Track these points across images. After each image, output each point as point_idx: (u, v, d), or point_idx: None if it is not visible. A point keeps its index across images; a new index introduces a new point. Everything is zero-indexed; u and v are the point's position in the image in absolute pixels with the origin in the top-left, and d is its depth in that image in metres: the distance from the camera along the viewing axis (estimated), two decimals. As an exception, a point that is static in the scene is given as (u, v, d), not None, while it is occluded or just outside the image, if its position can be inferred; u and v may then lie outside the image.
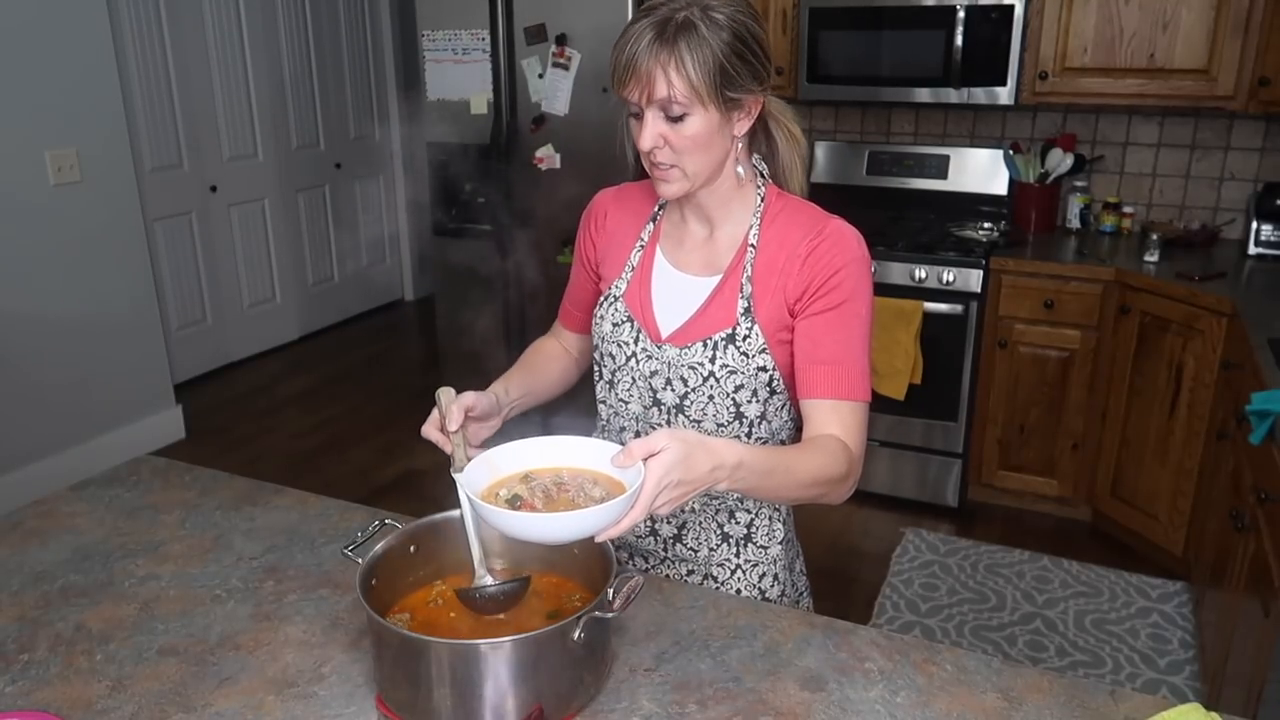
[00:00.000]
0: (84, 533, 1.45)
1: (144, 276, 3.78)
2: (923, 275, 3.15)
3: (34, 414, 3.41)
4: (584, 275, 1.44)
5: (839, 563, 3.11)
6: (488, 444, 1.22)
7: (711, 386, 1.26)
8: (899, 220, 3.53)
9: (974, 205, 3.58)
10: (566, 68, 3.39)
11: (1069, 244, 3.31)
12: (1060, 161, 3.37)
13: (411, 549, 1.14)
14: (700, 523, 1.35)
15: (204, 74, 4.47)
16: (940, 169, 3.62)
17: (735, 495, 1.32)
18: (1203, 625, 2.55)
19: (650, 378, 1.30)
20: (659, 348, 1.29)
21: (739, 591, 1.35)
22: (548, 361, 1.47)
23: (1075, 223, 3.46)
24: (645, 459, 0.97)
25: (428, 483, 3.63)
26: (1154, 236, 3.05)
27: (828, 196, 4.35)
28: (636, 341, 1.31)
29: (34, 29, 3.28)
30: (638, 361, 1.31)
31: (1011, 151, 3.48)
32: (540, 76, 3.44)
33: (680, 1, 1.13)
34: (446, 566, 1.16)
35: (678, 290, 1.30)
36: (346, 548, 1.13)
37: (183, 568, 1.35)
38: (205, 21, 4.44)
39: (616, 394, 1.35)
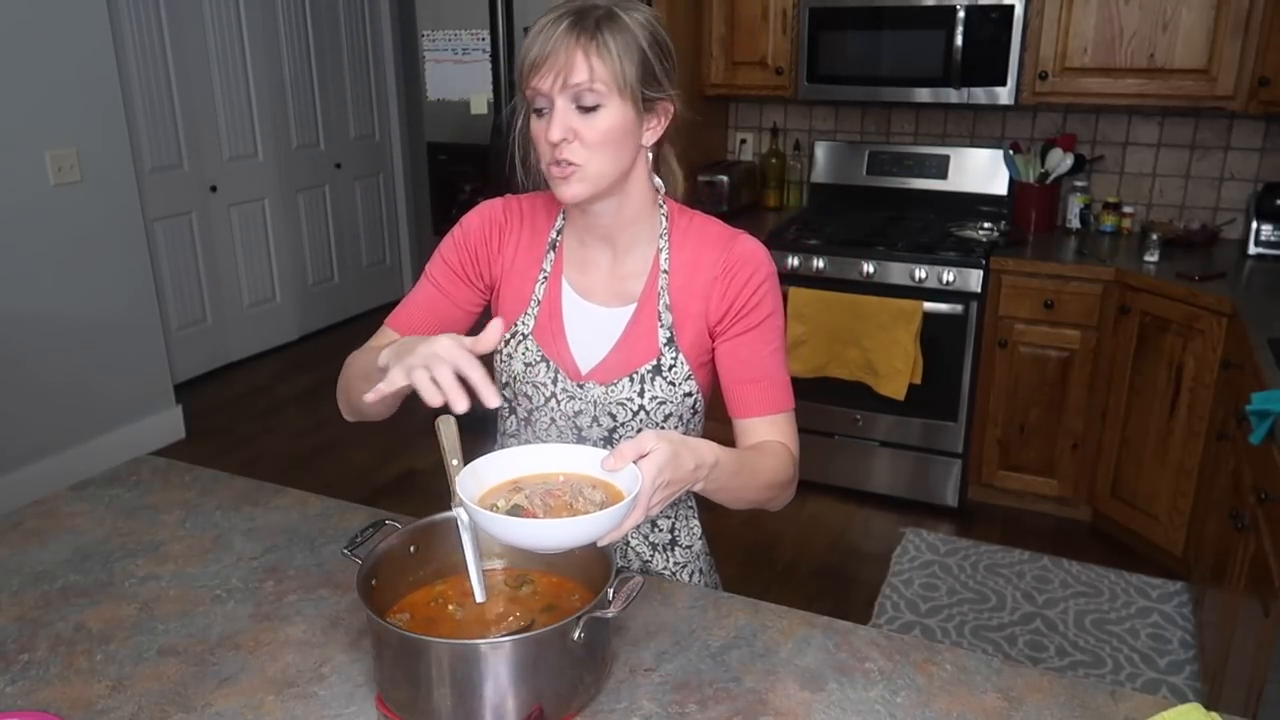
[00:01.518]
0: (84, 533, 1.45)
1: (144, 276, 3.78)
2: (923, 275, 3.15)
3: (34, 414, 3.41)
4: (460, 283, 1.29)
5: (839, 563, 3.11)
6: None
7: (642, 420, 1.25)
8: (899, 220, 3.53)
9: (974, 205, 3.58)
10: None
11: (1069, 244, 3.31)
12: (1060, 161, 3.37)
13: (411, 549, 1.14)
14: (629, 539, 1.35)
15: (204, 74, 4.47)
16: (940, 169, 3.62)
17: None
18: (1203, 625, 2.55)
19: (574, 416, 1.26)
20: (581, 387, 1.25)
21: None
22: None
23: (1075, 223, 3.46)
24: (636, 460, 0.97)
25: (428, 483, 3.63)
26: (1154, 236, 3.05)
27: (828, 196, 4.37)
28: (555, 382, 1.26)
29: (34, 29, 3.27)
30: (559, 402, 1.26)
31: (1011, 151, 3.48)
32: (540, 76, 3.44)
33: (595, 0, 1.12)
34: (446, 566, 1.16)
35: (591, 323, 1.26)
36: (346, 548, 1.13)
37: (183, 568, 1.35)
38: (205, 21, 4.44)
39: (534, 431, 1.30)
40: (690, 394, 1.26)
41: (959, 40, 3.18)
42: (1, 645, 1.18)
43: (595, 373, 1.25)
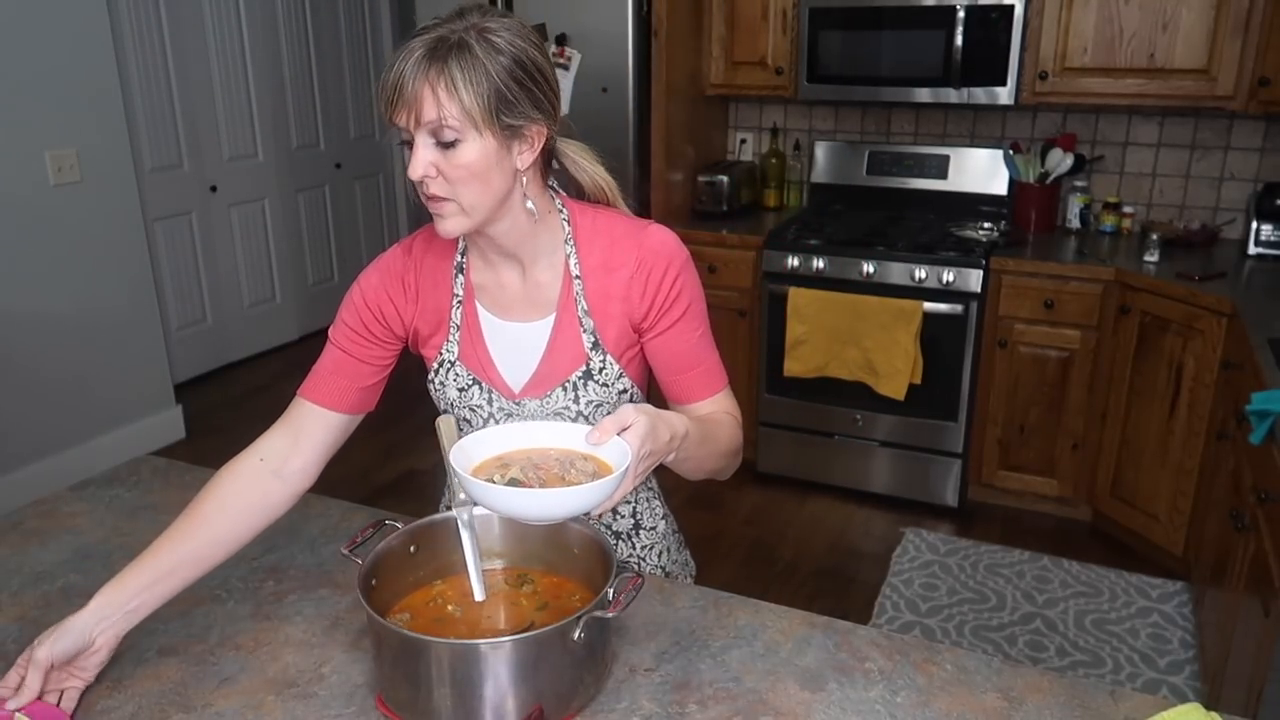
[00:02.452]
0: (84, 533, 1.45)
1: (144, 276, 3.78)
2: (923, 275, 3.14)
3: (34, 414, 3.41)
4: (370, 345, 1.26)
5: (839, 563, 3.11)
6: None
7: (583, 425, 1.25)
8: (899, 220, 3.53)
9: (974, 205, 3.58)
10: (566, 68, 3.39)
11: (1069, 244, 3.31)
12: (1060, 161, 3.37)
13: (411, 549, 1.14)
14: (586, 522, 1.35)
15: (204, 74, 4.47)
16: (940, 169, 3.62)
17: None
18: (1203, 625, 2.55)
19: None
20: (517, 404, 1.25)
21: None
22: (220, 515, 1.17)
23: (1075, 223, 3.46)
24: (618, 433, 1.00)
25: (428, 483, 3.63)
26: (1154, 236, 3.05)
27: (828, 196, 4.36)
28: (490, 402, 1.26)
29: (34, 29, 3.27)
30: (497, 421, 1.26)
31: (1011, 151, 3.48)
32: (540, 76, 3.44)
33: (457, 23, 1.06)
34: (446, 566, 1.16)
35: (513, 340, 1.25)
36: (346, 548, 1.13)
37: (183, 568, 1.35)
38: (205, 21, 4.44)
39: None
40: (625, 390, 1.26)
41: (959, 40, 3.18)
42: (1, 645, 1.18)
43: (528, 388, 1.25)
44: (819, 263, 3.26)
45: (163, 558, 1.12)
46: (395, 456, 3.83)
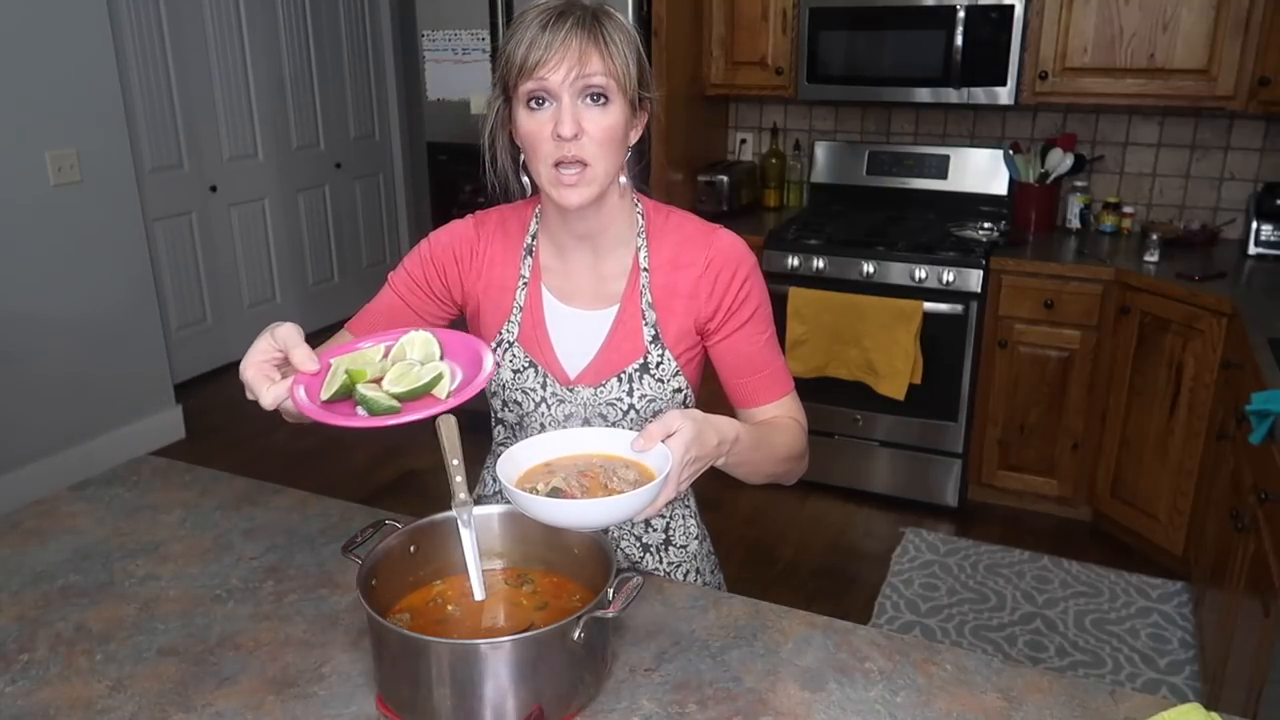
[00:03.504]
0: (84, 533, 1.45)
1: (144, 276, 3.78)
2: (923, 275, 3.15)
3: (34, 414, 3.41)
4: (424, 298, 1.29)
5: (839, 563, 3.11)
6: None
7: (632, 419, 1.25)
8: (899, 220, 3.53)
9: (974, 205, 3.58)
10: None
11: (1069, 244, 3.31)
12: (1060, 161, 3.37)
13: (411, 549, 1.14)
14: (620, 539, 1.35)
15: (204, 74, 4.47)
16: (940, 169, 3.62)
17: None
18: (1203, 625, 2.55)
19: (564, 420, 1.27)
20: (570, 390, 1.25)
21: None
22: None
23: (1075, 223, 3.46)
24: (663, 439, 1.01)
25: (428, 483, 3.63)
26: (1154, 236, 3.05)
27: (828, 196, 4.36)
28: (544, 387, 1.26)
29: (34, 29, 3.28)
30: (549, 406, 1.27)
31: (1011, 151, 3.48)
32: (540, 76, 3.44)
33: (580, 4, 1.11)
34: (446, 566, 1.16)
35: (574, 327, 1.26)
36: (346, 548, 1.13)
37: (183, 568, 1.35)
38: (205, 21, 4.44)
39: (526, 436, 1.30)
40: (679, 389, 1.26)
41: (959, 40, 3.18)
42: (1, 645, 1.18)
43: (584, 375, 1.26)
44: (819, 263, 3.26)
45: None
46: (395, 456, 3.83)
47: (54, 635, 1.20)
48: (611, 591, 1.02)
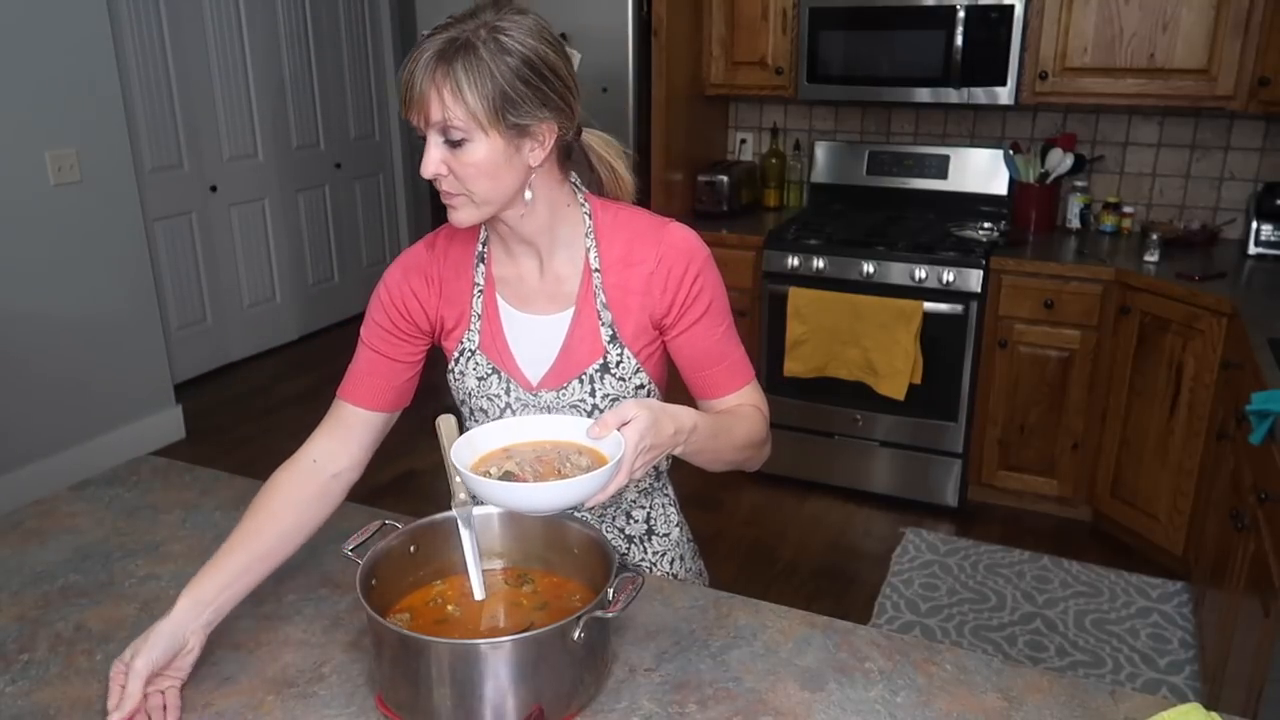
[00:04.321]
0: (84, 533, 1.45)
1: (144, 276, 3.78)
2: (923, 275, 3.14)
3: (34, 414, 3.41)
4: (400, 343, 1.28)
5: (839, 563, 3.11)
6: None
7: (587, 419, 1.25)
8: (899, 220, 3.53)
9: (974, 205, 3.58)
10: (566, 68, 3.38)
11: (1069, 244, 3.31)
12: (1060, 161, 3.37)
13: (411, 549, 1.14)
14: (603, 531, 1.34)
15: (204, 74, 4.47)
16: (940, 169, 3.62)
17: (630, 496, 1.35)
18: (1203, 625, 2.55)
19: None
20: (534, 395, 1.26)
21: None
22: (287, 508, 1.21)
23: (1075, 223, 3.46)
24: (619, 427, 1.02)
25: (428, 483, 3.63)
26: (1154, 236, 3.05)
27: (828, 196, 4.35)
28: (509, 392, 1.27)
29: (34, 29, 3.27)
30: (514, 411, 1.27)
31: (1011, 151, 3.48)
32: (540, 76, 3.44)
33: (469, 23, 1.07)
34: (446, 566, 1.16)
35: (531, 333, 1.26)
36: (346, 548, 1.13)
37: (183, 568, 1.35)
38: (205, 21, 4.44)
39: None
40: (642, 385, 1.27)
41: (959, 40, 3.18)
42: (1, 645, 1.18)
43: (546, 380, 1.26)
44: (819, 263, 3.26)
45: (238, 555, 1.16)
46: (395, 456, 3.83)
47: (54, 635, 1.20)
48: (611, 591, 1.02)
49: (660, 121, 3.44)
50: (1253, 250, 3.08)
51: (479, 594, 1.13)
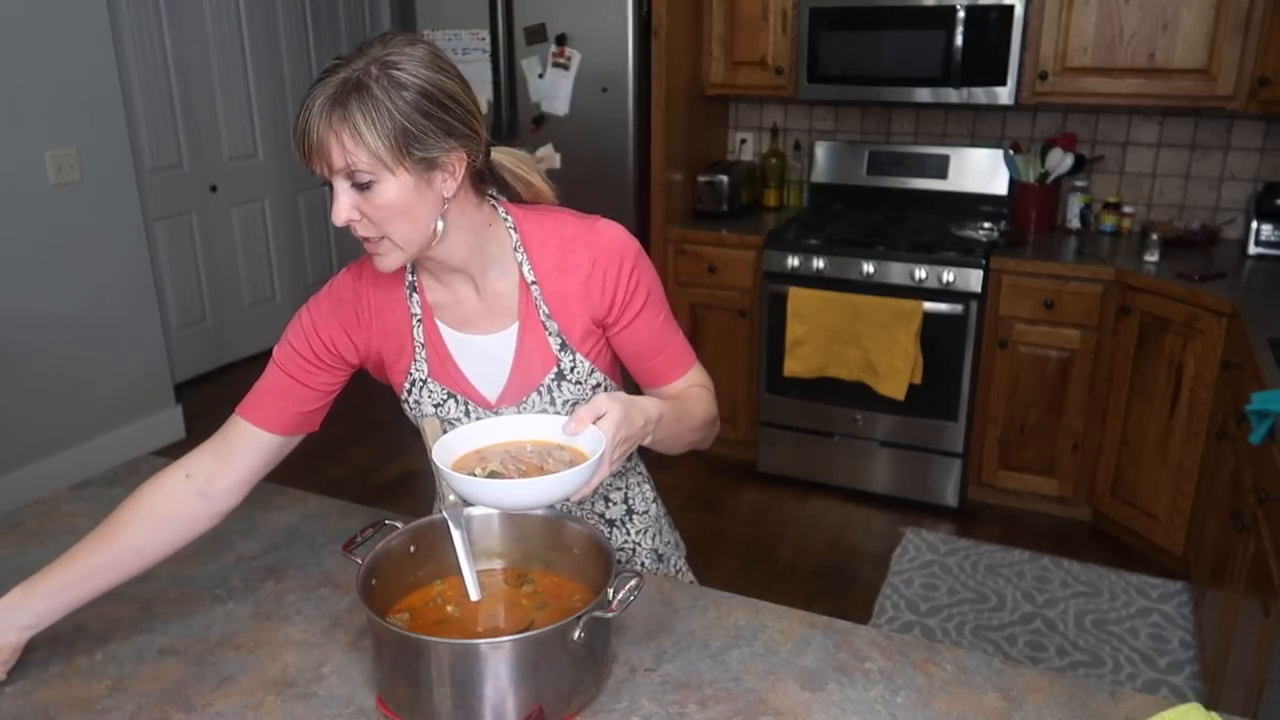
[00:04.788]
0: (84, 533, 1.44)
1: (144, 276, 3.78)
2: (923, 275, 3.14)
3: (34, 414, 3.41)
4: (316, 371, 1.23)
5: (839, 563, 3.11)
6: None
7: (559, 417, 1.25)
8: (899, 220, 3.53)
9: (974, 205, 3.58)
10: (566, 68, 3.39)
11: (1069, 244, 3.31)
12: (1060, 161, 3.37)
13: (411, 549, 1.14)
14: (585, 519, 1.35)
15: (204, 74, 4.47)
16: (940, 169, 3.62)
17: (606, 480, 1.31)
18: (1203, 625, 2.55)
19: None
20: (495, 412, 1.25)
21: (643, 564, 1.42)
22: (141, 523, 1.18)
23: (1075, 223, 3.46)
24: (594, 421, 1.05)
25: (428, 483, 3.62)
26: (1154, 236, 3.05)
27: (828, 196, 4.35)
28: (469, 414, 1.25)
29: (34, 29, 3.27)
30: None
31: (1011, 151, 3.48)
32: (540, 76, 3.44)
33: (358, 61, 1.03)
34: (446, 566, 1.16)
35: (480, 353, 1.25)
36: (346, 548, 1.13)
37: (183, 568, 1.35)
38: (205, 21, 4.44)
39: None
40: (599, 384, 1.28)
41: (959, 40, 3.18)
42: (1, 645, 1.18)
43: (503, 397, 1.25)
44: (819, 263, 3.26)
45: (77, 564, 1.14)
46: (394, 457, 3.83)
47: (54, 635, 1.20)
48: (611, 591, 1.02)
49: (660, 121, 3.44)
50: (1253, 250, 3.08)
51: (474, 594, 1.13)
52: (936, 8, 3.19)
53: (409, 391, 1.26)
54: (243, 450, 1.21)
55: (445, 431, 1.18)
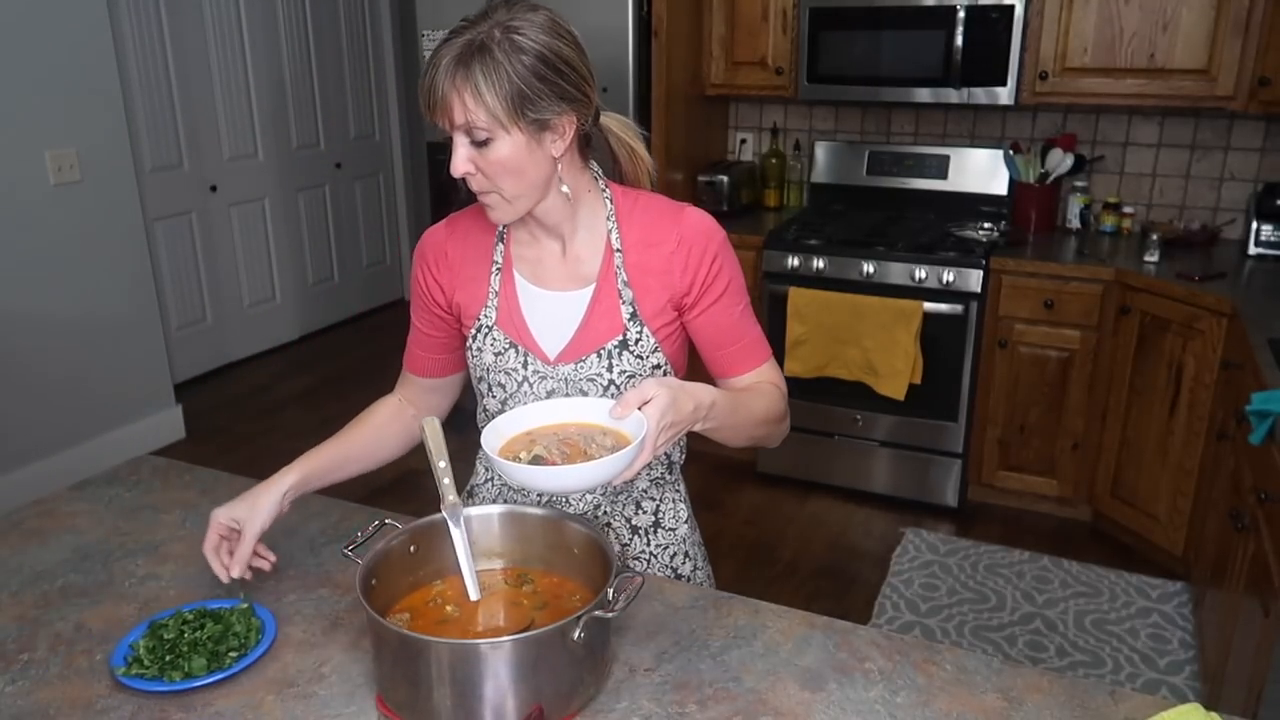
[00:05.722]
0: (84, 533, 1.45)
1: (144, 276, 3.78)
2: (923, 275, 3.14)
3: (34, 414, 3.41)
4: (431, 319, 1.36)
5: (839, 563, 3.11)
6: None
7: (612, 394, 1.27)
8: (899, 220, 3.53)
9: (974, 205, 3.58)
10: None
11: (1069, 244, 3.31)
12: (1060, 161, 3.37)
13: (411, 549, 1.15)
14: (610, 521, 1.36)
15: (204, 74, 4.47)
16: (940, 169, 3.62)
17: (641, 487, 1.37)
18: (1203, 625, 2.55)
19: (546, 397, 1.29)
20: (552, 368, 1.28)
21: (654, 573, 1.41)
22: (377, 429, 1.39)
23: (1075, 223, 3.46)
24: (640, 406, 1.06)
25: (428, 483, 3.62)
26: (1154, 236, 3.05)
27: (828, 196, 4.35)
28: (526, 366, 1.28)
29: (34, 29, 3.27)
30: (531, 385, 1.29)
31: (1011, 151, 3.48)
32: (540, 76, 3.44)
33: (483, 24, 1.11)
34: (446, 566, 1.16)
35: (550, 308, 1.28)
36: (346, 548, 1.13)
37: (183, 568, 1.35)
38: (205, 21, 4.44)
39: None
40: (659, 365, 1.28)
41: (959, 40, 3.18)
42: (1, 645, 1.18)
43: (564, 354, 1.28)
44: (819, 263, 3.26)
45: (344, 448, 1.33)
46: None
47: (54, 635, 1.20)
48: (611, 591, 1.02)
49: (660, 121, 3.44)
50: (1253, 250, 3.09)
51: (473, 594, 1.13)
52: (936, 8, 3.19)
53: (474, 337, 1.31)
54: (426, 391, 1.41)
55: (444, 432, 1.19)
